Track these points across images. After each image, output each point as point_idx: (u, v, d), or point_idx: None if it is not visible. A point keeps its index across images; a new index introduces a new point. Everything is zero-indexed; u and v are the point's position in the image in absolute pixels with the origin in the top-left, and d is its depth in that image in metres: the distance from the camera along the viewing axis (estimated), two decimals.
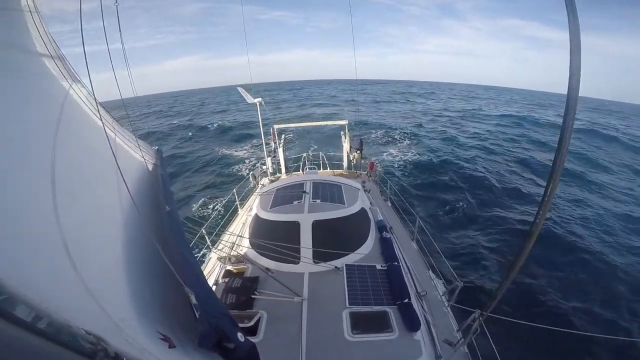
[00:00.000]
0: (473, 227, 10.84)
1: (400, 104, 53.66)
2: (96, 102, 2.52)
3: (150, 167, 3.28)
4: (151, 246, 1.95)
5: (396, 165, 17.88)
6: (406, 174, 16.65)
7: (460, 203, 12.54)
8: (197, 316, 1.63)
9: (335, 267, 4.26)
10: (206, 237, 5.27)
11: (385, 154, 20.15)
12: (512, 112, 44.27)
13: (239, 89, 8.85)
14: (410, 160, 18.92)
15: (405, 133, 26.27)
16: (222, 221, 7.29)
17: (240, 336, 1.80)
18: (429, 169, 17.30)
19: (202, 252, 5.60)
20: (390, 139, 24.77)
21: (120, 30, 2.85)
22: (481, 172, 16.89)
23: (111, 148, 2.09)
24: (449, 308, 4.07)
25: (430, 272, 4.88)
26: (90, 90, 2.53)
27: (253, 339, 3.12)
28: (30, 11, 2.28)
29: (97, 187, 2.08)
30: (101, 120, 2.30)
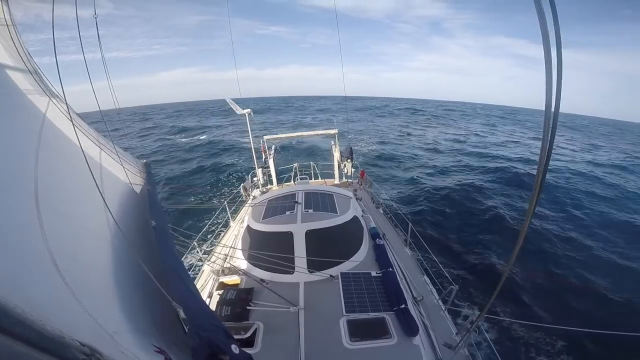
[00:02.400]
0: (466, 230, 10.98)
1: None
2: (70, 116, 2.47)
3: (137, 181, 3.24)
4: (138, 263, 1.91)
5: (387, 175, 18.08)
6: (397, 182, 16.84)
7: (452, 207, 12.71)
8: (187, 330, 1.61)
9: (330, 275, 4.24)
10: (198, 250, 5.17)
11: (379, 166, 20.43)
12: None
13: (227, 99, 8.86)
14: (399, 167, 19.19)
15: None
16: (214, 233, 7.17)
17: (234, 348, 1.77)
18: (420, 175, 17.56)
19: (194, 265, 5.48)
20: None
21: (99, 41, 2.80)
22: (471, 177, 17.23)
23: (88, 165, 2.03)
24: (446, 311, 4.07)
25: (425, 276, 4.88)
26: (69, 105, 2.49)
27: (250, 351, 3.05)
28: (7, 25, 2.25)
29: (82, 203, 2.05)
30: (76, 134, 2.25)
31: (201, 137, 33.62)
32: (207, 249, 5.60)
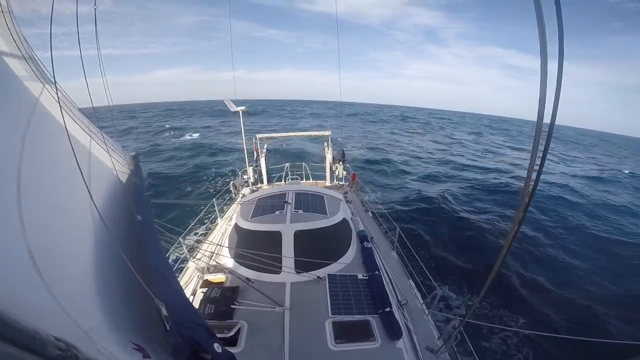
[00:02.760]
0: (452, 236, 11.16)
1: None
2: (58, 99, 2.43)
3: (125, 173, 3.18)
4: (121, 257, 1.87)
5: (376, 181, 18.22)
6: (385, 187, 16.99)
7: (438, 213, 12.90)
8: (168, 328, 1.57)
9: (318, 276, 4.23)
10: (184, 246, 5.10)
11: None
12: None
13: (224, 100, 8.86)
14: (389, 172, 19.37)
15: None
16: (200, 230, 7.09)
17: (217, 347, 1.75)
18: (408, 181, 17.77)
19: (179, 262, 5.38)
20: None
21: (96, 35, 2.77)
22: (456, 184, 17.54)
23: (74, 154, 1.99)
24: (429, 316, 4.11)
25: (411, 281, 4.93)
26: (60, 87, 2.46)
27: (233, 350, 3.01)
28: (3, 12, 2.22)
29: (67, 193, 2.00)
30: (63, 120, 2.21)
31: (192, 136, 33.67)
32: (193, 246, 5.52)
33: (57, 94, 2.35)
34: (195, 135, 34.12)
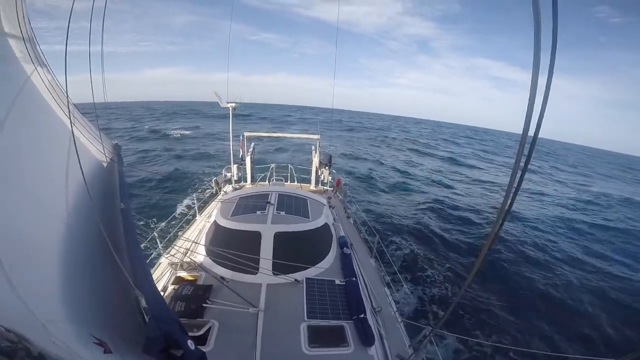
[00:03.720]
0: (429, 246, 11.40)
1: None
2: (67, 101, 2.40)
3: (106, 160, 3.09)
4: (95, 245, 1.79)
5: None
6: (367, 195, 17.18)
7: (417, 224, 13.16)
8: (147, 320, 1.52)
9: (295, 279, 4.19)
10: (158, 240, 4.93)
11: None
12: None
13: (215, 92, 8.70)
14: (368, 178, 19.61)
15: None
16: (177, 226, 6.90)
17: (190, 344, 1.71)
18: (390, 190, 18.03)
19: (152, 256, 5.19)
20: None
21: (102, 30, 2.71)
22: (438, 194, 17.95)
23: (73, 135, 1.94)
24: (401, 324, 4.15)
25: (386, 288, 4.98)
26: (55, 77, 2.44)
27: (202, 349, 2.93)
28: None
29: (42, 178, 1.91)
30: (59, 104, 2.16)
31: (184, 132, 33.36)
32: (168, 240, 5.35)
33: (66, 87, 2.31)
34: (186, 132, 34.07)
